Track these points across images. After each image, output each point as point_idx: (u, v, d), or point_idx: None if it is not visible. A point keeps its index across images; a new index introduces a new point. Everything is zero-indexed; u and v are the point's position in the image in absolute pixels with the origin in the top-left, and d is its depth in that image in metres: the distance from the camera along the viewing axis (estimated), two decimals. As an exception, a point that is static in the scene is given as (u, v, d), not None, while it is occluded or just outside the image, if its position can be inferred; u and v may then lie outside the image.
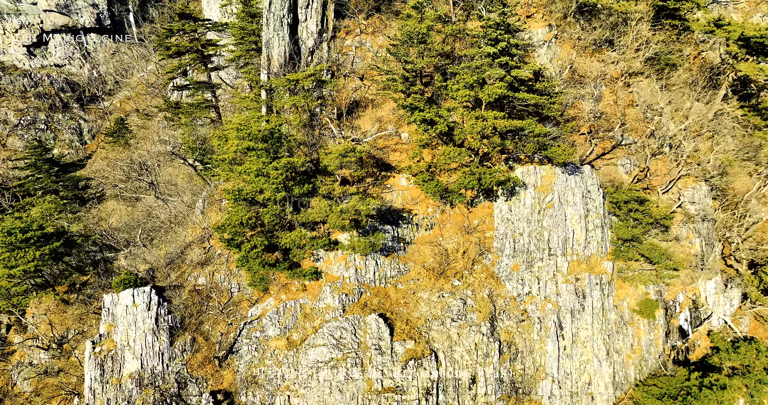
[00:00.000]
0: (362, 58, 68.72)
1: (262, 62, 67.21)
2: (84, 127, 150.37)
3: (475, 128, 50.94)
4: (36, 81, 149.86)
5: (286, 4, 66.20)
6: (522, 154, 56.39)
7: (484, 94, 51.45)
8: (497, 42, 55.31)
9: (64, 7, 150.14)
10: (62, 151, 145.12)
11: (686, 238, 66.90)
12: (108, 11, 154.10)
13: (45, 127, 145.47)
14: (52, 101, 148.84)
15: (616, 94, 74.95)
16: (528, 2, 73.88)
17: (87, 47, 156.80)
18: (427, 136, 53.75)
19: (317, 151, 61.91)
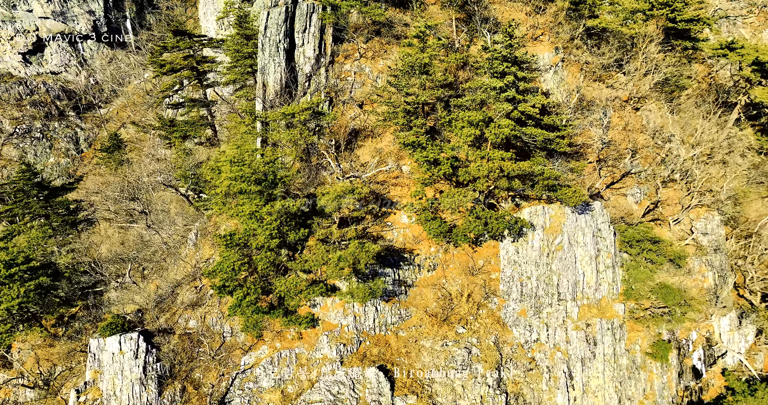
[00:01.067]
0: (361, 84, 65.04)
1: (257, 89, 63.52)
2: (80, 136, 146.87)
3: (481, 170, 47.32)
4: (32, 89, 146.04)
5: (282, 28, 62.47)
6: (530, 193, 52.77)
7: (491, 133, 47.85)
8: (504, 75, 51.67)
9: (60, 14, 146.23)
10: (58, 160, 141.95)
11: (699, 271, 63.45)
12: (105, 18, 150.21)
13: (41, 135, 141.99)
14: (48, 109, 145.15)
15: (624, 118, 71.34)
16: (534, 24, 70.10)
17: (83, 54, 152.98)
18: (430, 174, 50.08)
19: (314, 185, 58.38)
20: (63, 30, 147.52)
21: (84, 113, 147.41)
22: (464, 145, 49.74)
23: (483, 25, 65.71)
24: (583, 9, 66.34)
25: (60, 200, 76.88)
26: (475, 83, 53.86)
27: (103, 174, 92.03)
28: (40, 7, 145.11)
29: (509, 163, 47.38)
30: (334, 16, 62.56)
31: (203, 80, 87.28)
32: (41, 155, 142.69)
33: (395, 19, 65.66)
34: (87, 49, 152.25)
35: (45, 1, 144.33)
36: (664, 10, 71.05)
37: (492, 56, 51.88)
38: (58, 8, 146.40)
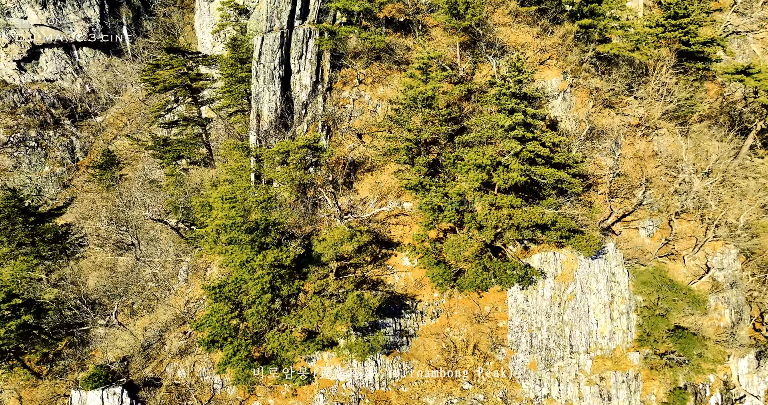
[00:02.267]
0: (361, 112, 60.90)
1: (251, 118, 59.35)
2: (76, 144, 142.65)
3: (489, 219, 43.20)
4: (26, 97, 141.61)
5: (277, 55, 58.30)
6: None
7: (499, 179, 43.72)
8: (512, 112, 47.49)
9: (55, 21, 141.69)
10: (53, 169, 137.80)
11: (715, 309, 59.49)
12: (100, 25, 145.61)
13: (35, 144, 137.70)
14: (43, 117, 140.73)
15: (635, 145, 67.27)
16: (541, 47, 65.87)
17: (79, 61, 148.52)
18: (432, 218, 46.01)
19: (310, 221, 54.35)
20: (58, 37, 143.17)
21: (79, 121, 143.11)
22: (470, 190, 45.53)
23: (488, 49, 61.44)
24: (593, 33, 62.14)
25: (47, 227, 72.64)
26: (480, 119, 49.66)
27: (94, 199, 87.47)
28: (35, 14, 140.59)
29: (519, 211, 43.30)
30: (331, 42, 58.37)
31: (198, 98, 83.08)
32: (36, 164, 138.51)
33: (396, 44, 61.38)
34: (83, 55, 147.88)
35: (40, 9, 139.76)
36: (676, 32, 66.85)
37: (500, 92, 47.67)
38: (53, 15, 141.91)
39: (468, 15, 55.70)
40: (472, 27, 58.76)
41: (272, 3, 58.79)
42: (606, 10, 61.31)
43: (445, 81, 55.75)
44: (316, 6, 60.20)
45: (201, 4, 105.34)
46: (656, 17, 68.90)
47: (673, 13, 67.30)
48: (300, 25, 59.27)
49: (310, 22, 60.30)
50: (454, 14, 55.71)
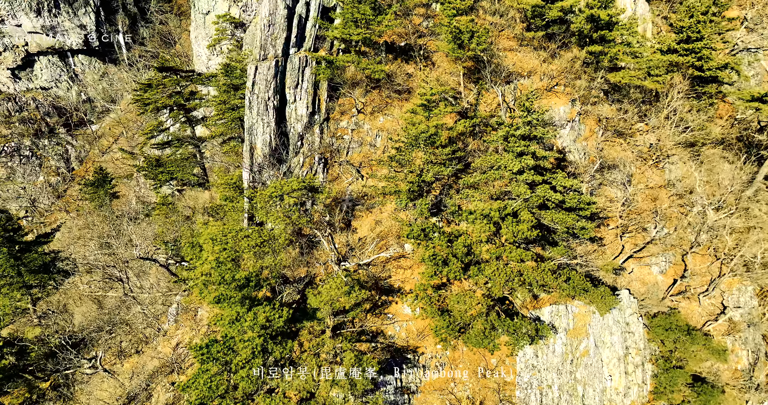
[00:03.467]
0: (359, 144, 57.07)
1: (244, 152, 55.49)
2: (72, 153, 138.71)
3: (498, 277, 39.43)
4: (21, 105, 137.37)
5: (271, 85, 54.39)
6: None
7: (508, 231, 39.93)
8: (521, 154, 43.69)
9: (50, 28, 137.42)
10: (48, 179, 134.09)
11: (731, 350, 55.85)
12: (96, 32, 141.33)
13: (30, 153, 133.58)
14: (38, 126, 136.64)
15: (646, 174, 63.47)
16: (548, 72, 61.98)
17: (74, 69, 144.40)
18: (435, 269, 42.25)
19: (306, 263, 50.59)
20: (53, 45, 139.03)
21: (75, 130, 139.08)
22: (477, 243, 41.69)
23: (493, 76, 57.56)
24: (603, 60, 58.22)
25: (33, 256, 68.81)
26: (486, 159, 45.83)
27: (84, 224, 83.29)
28: (29, 22, 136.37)
29: (530, 268, 39.55)
30: (329, 71, 54.46)
31: (191, 118, 79.29)
32: (30, 174, 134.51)
33: (397, 73, 57.46)
34: (78, 63, 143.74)
35: (34, 16, 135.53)
36: (689, 57, 63.07)
37: (508, 132, 43.84)
38: (48, 23, 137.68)
39: (472, 44, 51.79)
40: (476, 54, 54.71)
41: (266, 30, 54.88)
42: (617, 36, 57.33)
43: (449, 111, 51.64)
44: (312, 33, 56.31)
45: (196, 16, 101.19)
46: (668, 41, 65.04)
47: (686, 37, 63.50)
48: (296, 53, 55.34)
49: (306, 49, 56.38)
50: (458, 44, 51.73)
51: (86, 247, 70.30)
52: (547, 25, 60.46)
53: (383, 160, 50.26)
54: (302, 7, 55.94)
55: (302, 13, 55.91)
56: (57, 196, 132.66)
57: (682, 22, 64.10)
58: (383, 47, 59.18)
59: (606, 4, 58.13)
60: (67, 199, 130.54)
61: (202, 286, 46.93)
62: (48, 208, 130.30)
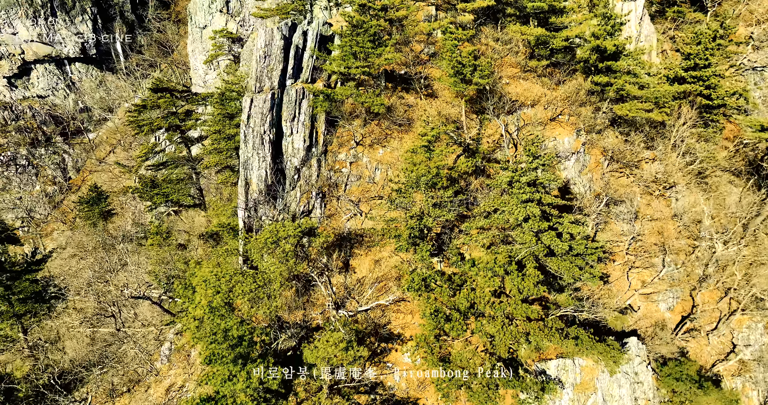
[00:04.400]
0: (358, 177, 54.97)
1: (239, 187, 53.32)
2: (68, 162, 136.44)
3: (503, 336, 37.36)
4: (17, 114, 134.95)
5: (267, 118, 52.23)
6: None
7: (514, 287, 37.82)
8: (528, 201, 41.59)
9: (46, 36, 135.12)
10: (44, 189, 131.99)
11: (742, 391, 53.92)
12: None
13: (26, 162, 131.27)
14: (34, 135, 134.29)
15: (653, 205, 61.42)
16: (552, 101, 59.81)
17: (71, 77, 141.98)
18: (436, 323, 40.19)
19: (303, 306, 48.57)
20: (50, 53, 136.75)
21: (72, 139, 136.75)
22: (481, 299, 39.57)
23: (496, 108, 55.40)
24: (609, 91, 56.09)
25: (24, 285, 66.52)
26: (490, 205, 43.72)
27: (76, 249, 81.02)
28: (25, 30, 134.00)
29: (536, 327, 37.44)
30: (327, 104, 52.27)
31: (187, 138, 77.08)
32: (26, 184, 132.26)
33: (396, 106, 55.31)
34: (75, 71, 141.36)
35: (31, 24, 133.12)
36: (697, 85, 60.98)
37: (513, 178, 41.72)
38: (44, 31, 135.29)
39: (475, 78, 49.62)
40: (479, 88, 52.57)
41: (262, 62, 52.70)
42: (623, 66, 55.18)
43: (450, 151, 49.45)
44: (309, 64, 54.13)
45: (193, 30, 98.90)
46: (675, 68, 62.85)
47: (693, 64, 61.35)
48: (293, 85, 53.16)
49: (303, 80, 54.23)
50: (460, 78, 49.55)
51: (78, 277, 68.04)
52: (551, 54, 58.31)
53: (383, 202, 48.09)
54: (299, 38, 53.73)
55: (299, 44, 53.71)
56: (53, 206, 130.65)
57: (689, 47, 61.87)
58: (383, 76, 57.03)
59: (612, 33, 55.93)
60: (64, 208, 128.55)
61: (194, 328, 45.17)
62: (44, 219, 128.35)
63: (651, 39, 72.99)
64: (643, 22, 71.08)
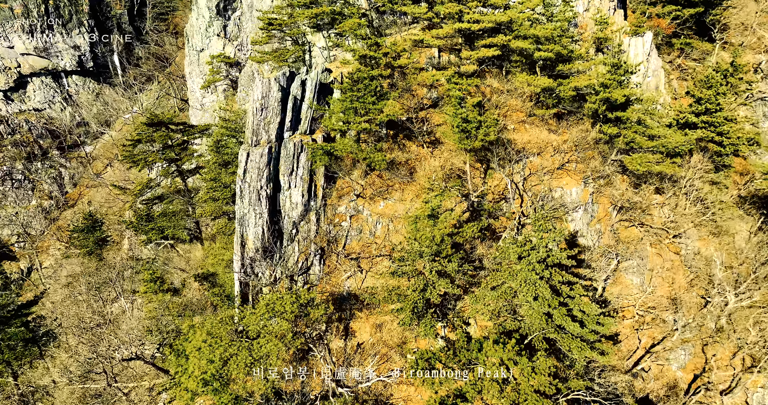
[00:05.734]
0: (359, 231, 52.46)
1: (234, 243, 50.82)
2: (65, 176, 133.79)
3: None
4: (13, 127, 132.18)
5: (264, 173, 49.69)
6: None
7: (524, 380, 35.37)
8: (540, 279, 39.12)
9: (43, 50, 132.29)
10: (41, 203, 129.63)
11: (756, 456, 51.74)
12: (90, 53, 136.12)
13: (22, 177, 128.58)
14: (31, 149, 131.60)
15: (663, 254, 59.06)
16: (558, 147, 57.29)
17: (68, 89, 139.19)
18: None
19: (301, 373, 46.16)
20: (46, 66, 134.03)
21: (69, 152, 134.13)
22: (489, 390, 37.12)
23: (501, 160, 52.88)
24: (618, 141, 53.60)
25: (15, 331, 64.19)
26: (496, 279, 41.26)
27: (68, 294, 78.21)
28: (21, 44, 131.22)
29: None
30: (326, 158, 49.70)
31: (183, 171, 74.53)
32: (23, 199, 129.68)
33: (398, 160, 52.81)
34: (72, 84, 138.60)
35: (27, 38, 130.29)
36: (708, 131, 58.55)
37: (521, 254, 39.22)
38: (41, 44, 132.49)
39: (480, 134, 47.06)
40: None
41: (259, 114, 50.11)
42: (633, 117, 52.66)
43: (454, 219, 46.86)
44: (308, 115, 51.56)
45: (190, 53, 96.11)
46: (686, 112, 60.33)
47: (704, 109, 58.85)
48: (291, 138, 50.58)
49: (302, 132, 51.65)
50: (465, 135, 46.99)
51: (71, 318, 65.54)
52: (558, 102, 55.66)
53: (385, 267, 45.66)
54: (297, 89, 51.11)
55: (297, 95, 51.11)
56: (50, 221, 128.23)
57: (700, 91, 59.36)
58: (384, 124, 54.43)
59: (621, 82, 53.37)
60: (60, 224, 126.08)
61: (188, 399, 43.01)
62: (40, 235, 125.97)
63: (659, 73, 70.53)
64: (651, 57, 68.55)
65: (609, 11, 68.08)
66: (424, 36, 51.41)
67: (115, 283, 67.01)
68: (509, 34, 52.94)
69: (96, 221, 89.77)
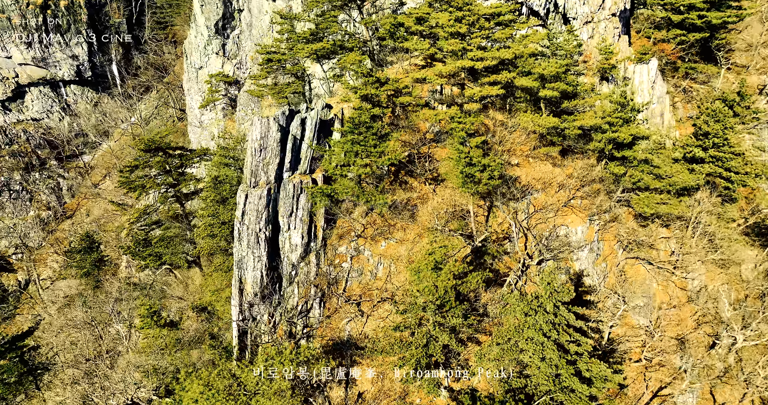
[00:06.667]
0: (359, 273, 51.02)
1: (233, 288, 49.37)
2: (63, 186, 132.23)
3: None
4: (11, 137, 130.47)
5: (263, 215, 48.22)
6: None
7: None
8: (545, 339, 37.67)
9: (41, 59, 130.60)
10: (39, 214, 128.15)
11: None
12: (89, 62, 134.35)
13: (20, 188, 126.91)
14: (29, 159, 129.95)
15: (669, 290, 57.71)
16: (563, 183, 55.83)
17: (66, 99, 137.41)
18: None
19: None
20: (44, 76, 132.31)
21: (67, 163, 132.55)
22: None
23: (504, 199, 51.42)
24: (625, 181, 52.13)
25: (8, 366, 62.64)
26: (501, 335, 39.81)
27: (65, 323, 76.56)
28: (19, 54, 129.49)
29: None
30: (326, 200, 48.16)
31: (181, 195, 73.03)
32: (20, 210, 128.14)
33: (399, 199, 51.32)
34: (70, 93, 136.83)
35: (25, 48, 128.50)
36: (716, 166, 57.09)
37: (528, 311, 37.74)
38: (39, 54, 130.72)
39: (484, 178, 45.53)
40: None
41: (258, 155, 48.60)
42: (640, 156, 51.22)
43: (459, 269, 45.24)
44: (308, 154, 50.06)
45: (189, 69, 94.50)
46: (692, 147, 58.80)
47: (711, 144, 57.37)
48: (290, 178, 49.09)
49: (301, 171, 50.13)
50: (470, 180, 45.49)
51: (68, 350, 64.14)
52: (563, 139, 54.16)
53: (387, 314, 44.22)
54: (297, 128, 49.56)
55: (297, 134, 49.57)
56: (48, 232, 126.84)
57: (707, 126, 57.84)
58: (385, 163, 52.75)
59: (627, 120, 51.87)
60: (58, 236, 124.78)
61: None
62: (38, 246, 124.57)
63: (664, 100, 68.98)
64: (656, 84, 67.00)
65: (614, 38, 66.41)
66: (426, 74, 49.77)
67: (112, 314, 65.46)
68: (513, 71, 51.32)
69: (93, 242, 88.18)
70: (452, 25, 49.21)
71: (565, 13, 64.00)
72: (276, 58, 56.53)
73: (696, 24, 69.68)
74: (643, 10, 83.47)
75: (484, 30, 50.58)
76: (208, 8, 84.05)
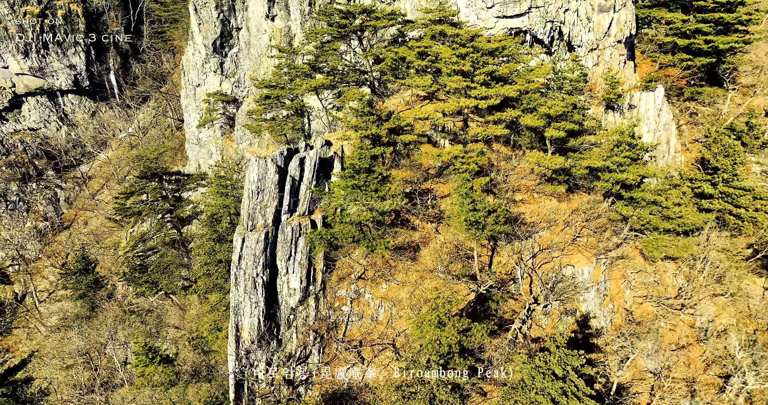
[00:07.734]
0: (360, 316, 49.13)
1: (229, 335, 47.49)
2: (60, 196, 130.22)
3: None
4: (8, 148, 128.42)
5: (260, 259, 46.33)
6: None
7: None
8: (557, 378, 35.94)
9: (38, 69, 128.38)
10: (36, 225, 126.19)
11: None
12: (86, 72, 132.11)
13: (17, 198, 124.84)
14: (26, 169, 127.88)
15: (677, 329, 56.02)
16: (568, 220, 54.01)
17: (64, 109, 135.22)
18: None
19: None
20: (42, 85, 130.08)
21: (64, 173, 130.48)
22: None
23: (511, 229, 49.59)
24: (632, 222, 50.29)
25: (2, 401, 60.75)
26: (508, 397, 37.97)
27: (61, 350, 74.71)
28: (16, 64, 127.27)
29: None
30: (325, 243, 46.24)
31: (177, 223, 71.20)
32: (17, 221, 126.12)
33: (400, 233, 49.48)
34: (68, 102, 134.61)
35: (22, 58, 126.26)
36: (725, 203, 55.33)
37: (535, 374, 35.92)
38: (36, 64, 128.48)
39: (489, 224, 43.66)
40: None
41: (255, 197, 46.68)
42: (647, 197, 49.40)
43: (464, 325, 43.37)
44: (307, 196, 48.11)
45: (187, 86, 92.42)
46: (700, 182, 57.02)
47: (721, 180, 55.58)
48: (288, 220, 47.16)
49: (300, 213, 48.18)
50: (474, 227, 43.63)
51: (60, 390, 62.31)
52: (569, 178, 52.31)
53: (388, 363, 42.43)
54: (296, 169, 47.62)
55: (296, 176, 47.63)
56: (45, 244, 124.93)
57: (716, 161, 56.05)
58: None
59: (635, 158, 50.03)
60: (55, 247, 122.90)
61: None
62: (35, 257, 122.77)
63: (670, 127, 67.05)
64: (662, 111, 65.10)
65: (619, 65, 64.52)
66: (429, 112, 47.85)
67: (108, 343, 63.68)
68: (518, 107, 49.42)
69: (89, 263, 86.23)
70: (456, 63, 47.24)
71: (569, 40, 62.08)
72: (274, 94, 54.57)
73: (702, 49, 67.79)
74: (647, 30, 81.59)
75: (488, 66, 48.59)
76: (205, 27, 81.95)
